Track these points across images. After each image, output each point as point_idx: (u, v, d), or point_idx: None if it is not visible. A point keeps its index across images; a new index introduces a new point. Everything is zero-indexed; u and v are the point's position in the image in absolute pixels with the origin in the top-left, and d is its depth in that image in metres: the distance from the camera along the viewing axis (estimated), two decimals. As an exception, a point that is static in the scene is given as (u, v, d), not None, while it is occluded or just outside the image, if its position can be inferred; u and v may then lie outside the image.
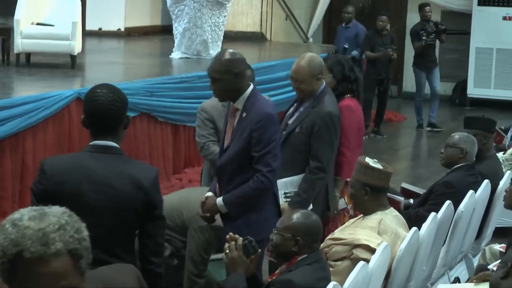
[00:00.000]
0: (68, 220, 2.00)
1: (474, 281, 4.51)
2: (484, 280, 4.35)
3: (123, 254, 3.40)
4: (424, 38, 12.97)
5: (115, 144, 3.45)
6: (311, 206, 5.49)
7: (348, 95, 6.06)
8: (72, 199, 3.29)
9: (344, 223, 5.25)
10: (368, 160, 4.79)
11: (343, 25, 13.60)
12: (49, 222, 1.96)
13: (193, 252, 5.32)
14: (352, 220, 4.97)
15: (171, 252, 5.24)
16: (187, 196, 5.49)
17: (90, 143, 3.48)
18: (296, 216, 4.07)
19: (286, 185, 5.43)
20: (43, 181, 3.45)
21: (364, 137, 11.98)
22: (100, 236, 3.33)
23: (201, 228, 5.22)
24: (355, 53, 12.94)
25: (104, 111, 3.43)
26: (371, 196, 4.71)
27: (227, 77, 4.56)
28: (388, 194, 6.01)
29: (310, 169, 5.46)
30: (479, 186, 5.85)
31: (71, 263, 1.96)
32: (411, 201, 5.98)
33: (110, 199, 3.36)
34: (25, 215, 1.98)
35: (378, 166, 4.75)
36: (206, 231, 5.26)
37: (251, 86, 4.68)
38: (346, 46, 12.91)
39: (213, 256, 5.44)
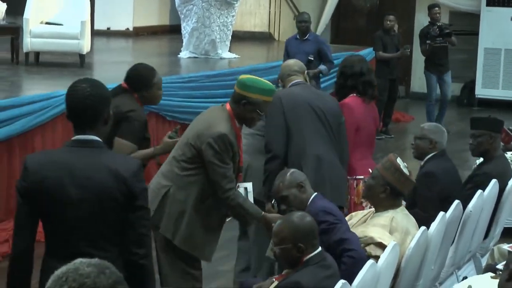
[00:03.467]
0: None
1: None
2: None
3: (109, 247, 3.39)
4: (428, 42, 12.60)
5: (95, 138, 3.43)
6: None
7: (352, 94, 5.96)
8: (53, 194, 3.34)
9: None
10: (400, 161, 4.78)
11: (298, 36, 11.14)
12: None
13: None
14: (360, 214, 4.94)
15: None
16: None
17: (72, 138, 3.48)
18: (289, 224, 4.07)
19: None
20: (26, 177, 3.47)
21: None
22: (84, 229, 3.35)
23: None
24: (323, 67, 10.93)
25: (79, 105, 3.41)
26: (388, 195, 4.73)
27: None
28: None
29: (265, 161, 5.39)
30: (455, 170, 5.88)
31: None
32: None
33: (90, 192, 3.36)
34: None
35: (406, 172, 4.76)
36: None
37: None
38: (312, 58, 10.69)
39: None
